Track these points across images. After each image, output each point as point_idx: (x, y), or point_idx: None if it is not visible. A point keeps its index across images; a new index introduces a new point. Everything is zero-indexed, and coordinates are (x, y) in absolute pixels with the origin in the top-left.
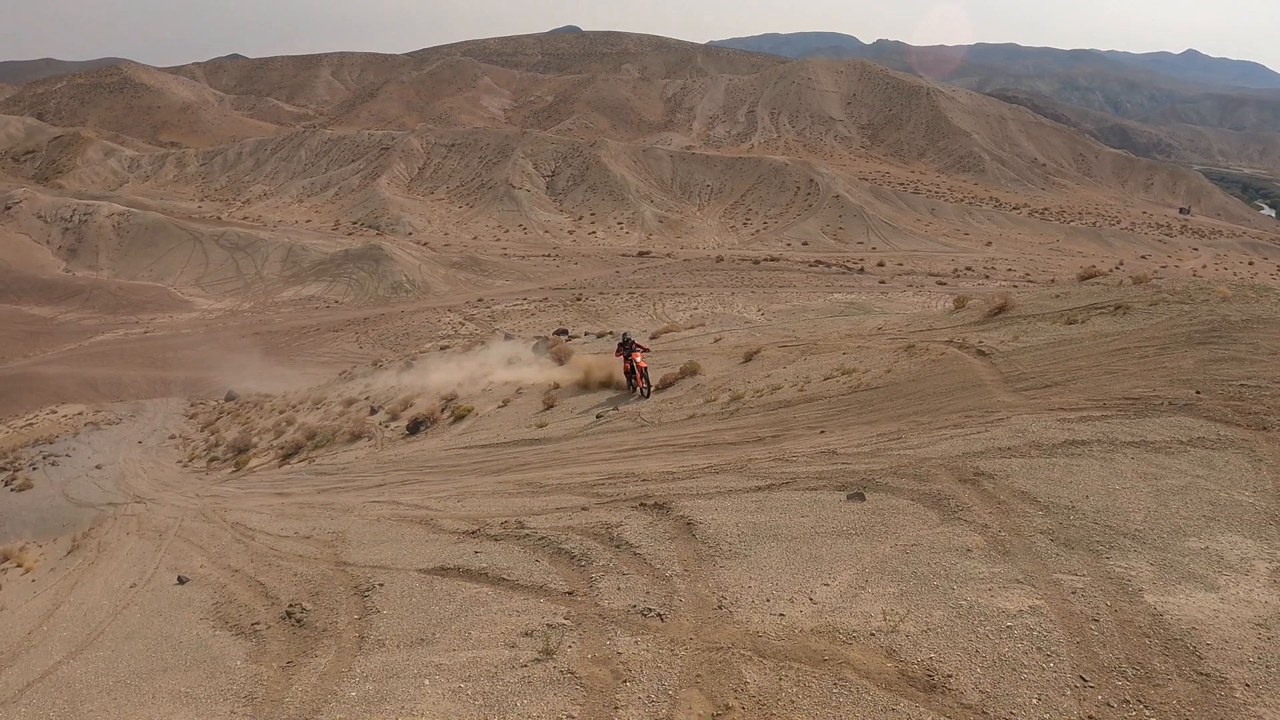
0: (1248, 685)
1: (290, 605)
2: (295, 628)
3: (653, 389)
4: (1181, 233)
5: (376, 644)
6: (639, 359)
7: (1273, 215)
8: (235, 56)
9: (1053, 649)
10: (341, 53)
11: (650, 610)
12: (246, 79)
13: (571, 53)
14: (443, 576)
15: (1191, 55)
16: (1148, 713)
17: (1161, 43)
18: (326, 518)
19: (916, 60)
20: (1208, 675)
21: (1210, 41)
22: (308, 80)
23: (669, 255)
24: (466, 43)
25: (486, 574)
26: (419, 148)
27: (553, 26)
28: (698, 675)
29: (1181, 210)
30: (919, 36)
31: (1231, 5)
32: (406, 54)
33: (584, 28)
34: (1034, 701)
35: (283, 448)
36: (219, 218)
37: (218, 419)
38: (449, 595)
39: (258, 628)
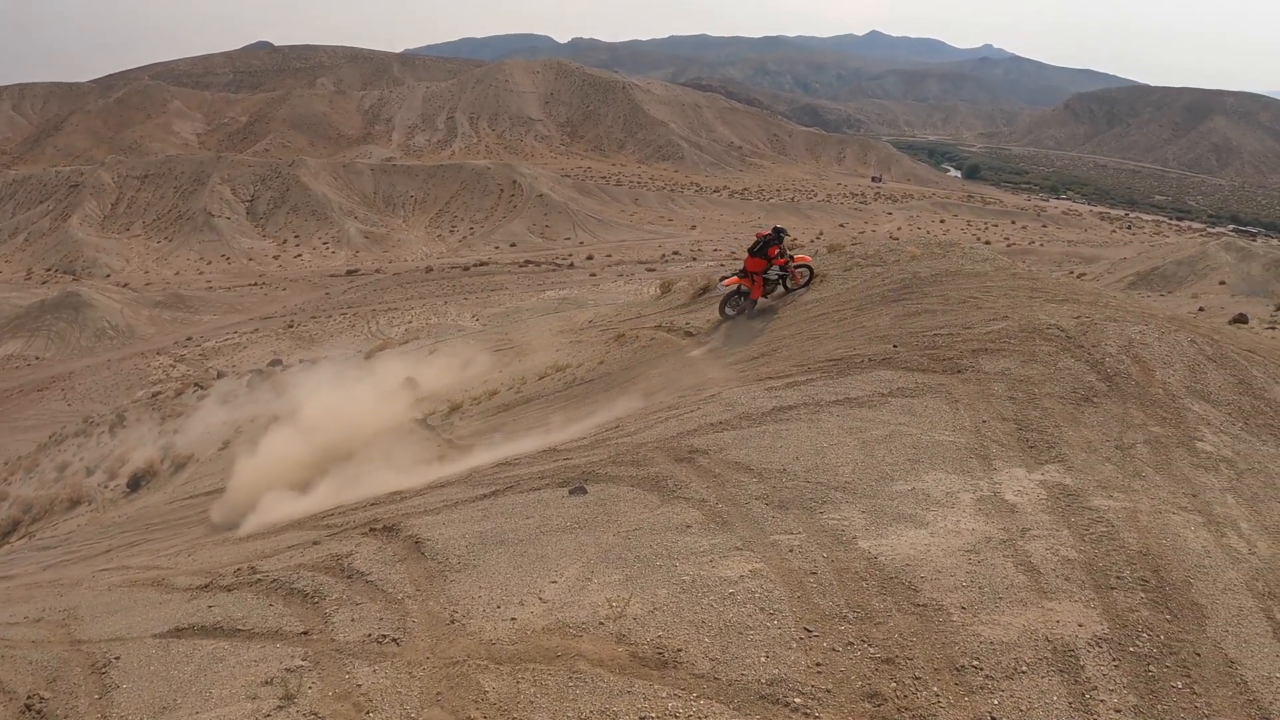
0: (963, 608)
1: (28, 697)
2: None
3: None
4: (876, 199)
5: None
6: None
7: (958, 175)
8: None
9: (775, 607)
10: (22, 84)
11: (385, 636)
12: None
13: (265, 69)
14: (178, 638)
15: (875, 36)
16: (872, 650)
17: (846, 26)
18: (55, 595)
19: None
20: (925, 605)
21: (892, 22)
22: None
23: (378, 271)
24: (154, 65)
25: (222, 628)
26: (110, 182)
27: (244, 43)
28: (438, 693)
29: (874, 179)
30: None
31: None
32: (92, 81)
33: (276, 42)
34: (763, 659)
35: None
36: None
37: None
38: (187, 657)
39: None
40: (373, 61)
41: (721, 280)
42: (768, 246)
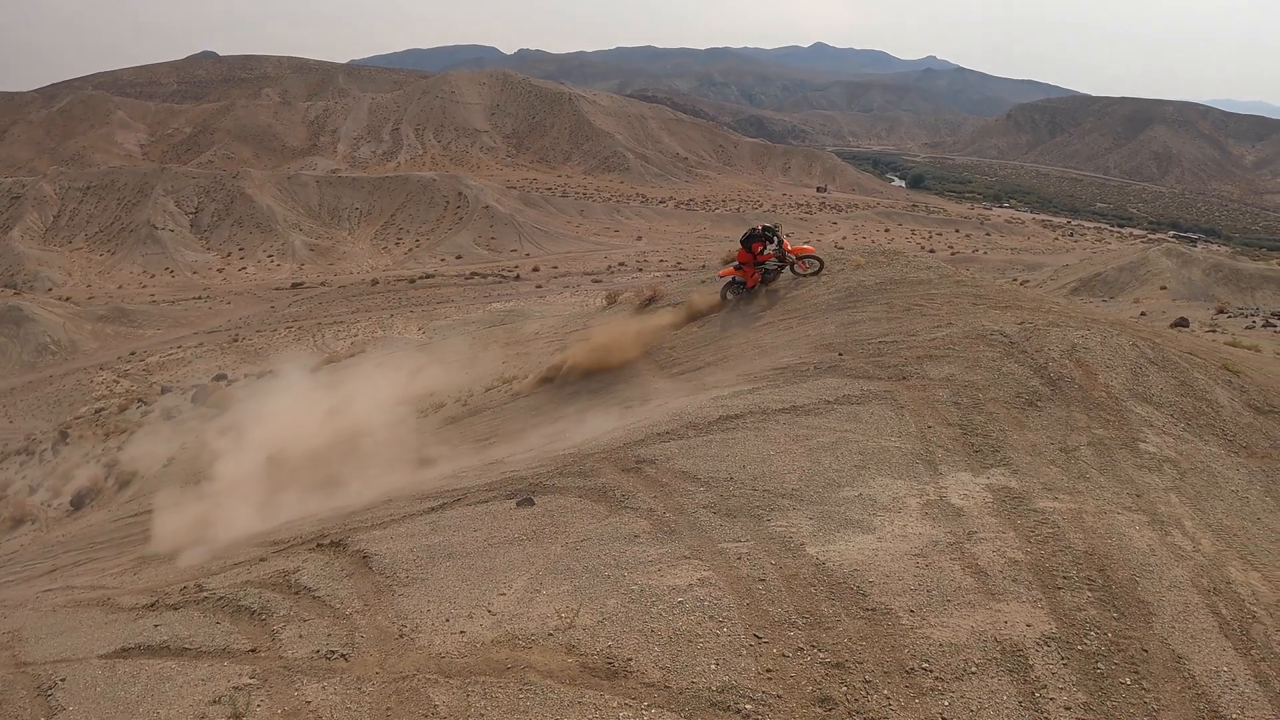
0: (912, 611)
1: None
2: None
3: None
4: (821, 209)
5: None
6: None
7: (902, 185)
8: None
9: (725, 614)
10: None
11: (334, 652)
12: None
13: (209, 79)
14: (124, 658)
15: (820, 47)
16: (822, 655)
17: (792, 38)
18: None
19: None
20: (874, 609)
21: (837, 34)
22: None
23: (324, 284)
24: (98, 75)
25: (168, 647)
26: (52, 193)
27: (189, 53)
28: (387, 708)
29: (819, 189)
30: None
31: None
32: (34, 90)
33: (221, 52)
34: (713, 667)
35: None
36: None
37: None
38: (133, 677)
39: None
40: (318, 72)
41: (720, 274)
42: (752, 242)
